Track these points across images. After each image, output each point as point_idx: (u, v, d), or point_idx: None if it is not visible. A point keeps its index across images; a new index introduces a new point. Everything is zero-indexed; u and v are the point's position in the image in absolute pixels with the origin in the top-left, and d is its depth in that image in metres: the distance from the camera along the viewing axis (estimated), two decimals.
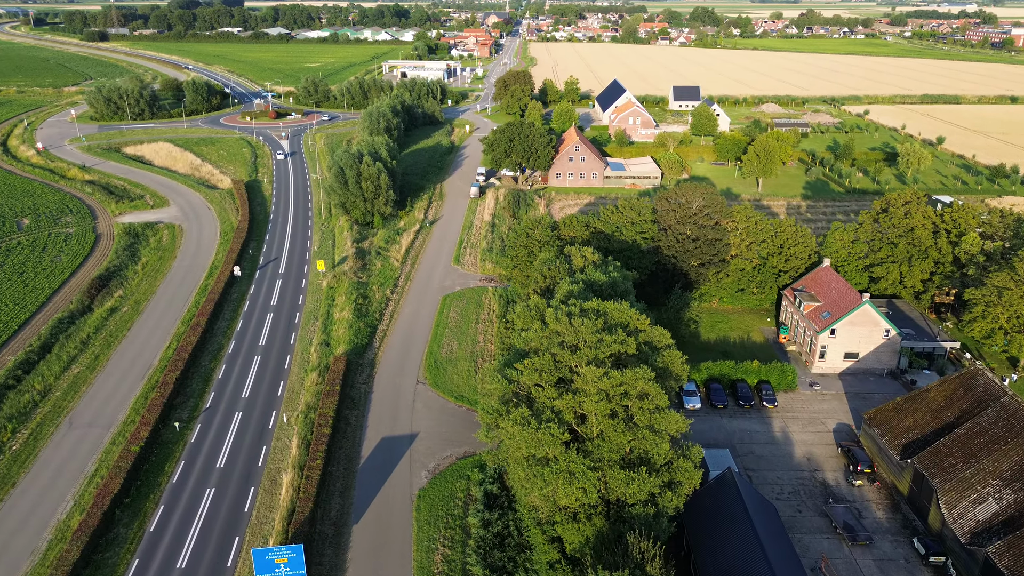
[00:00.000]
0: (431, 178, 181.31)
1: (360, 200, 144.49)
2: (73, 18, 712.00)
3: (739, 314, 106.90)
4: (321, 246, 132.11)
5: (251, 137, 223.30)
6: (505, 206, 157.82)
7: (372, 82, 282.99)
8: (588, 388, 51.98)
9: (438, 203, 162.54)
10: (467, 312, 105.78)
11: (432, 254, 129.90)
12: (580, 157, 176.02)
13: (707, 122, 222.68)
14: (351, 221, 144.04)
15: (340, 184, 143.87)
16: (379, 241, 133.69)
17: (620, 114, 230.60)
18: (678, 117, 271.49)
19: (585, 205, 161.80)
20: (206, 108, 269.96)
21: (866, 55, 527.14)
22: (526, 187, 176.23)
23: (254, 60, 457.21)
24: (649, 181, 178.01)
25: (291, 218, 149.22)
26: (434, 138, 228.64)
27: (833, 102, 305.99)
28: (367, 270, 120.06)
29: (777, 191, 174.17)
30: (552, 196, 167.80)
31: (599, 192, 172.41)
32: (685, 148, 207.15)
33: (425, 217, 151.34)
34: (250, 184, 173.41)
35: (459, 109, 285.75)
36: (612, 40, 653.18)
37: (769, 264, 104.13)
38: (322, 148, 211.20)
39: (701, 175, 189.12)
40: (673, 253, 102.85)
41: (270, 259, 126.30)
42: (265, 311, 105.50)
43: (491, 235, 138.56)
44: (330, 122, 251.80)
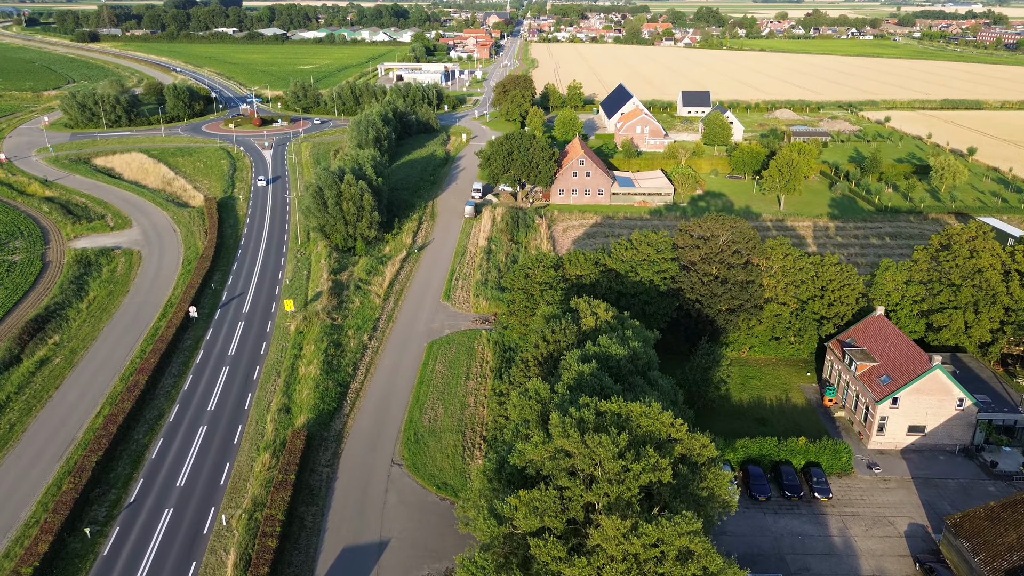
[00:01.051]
0: (423, 194, 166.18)
1: (340, 223, 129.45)
2: (65, 18, 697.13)
3: (773, 366, 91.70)
4: (294, 278, 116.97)
5: (232, 147, 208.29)
6: (503, 228, 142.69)
7: (364, 87, 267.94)
8: (610, 549, 37.12)
9: (429, 224, 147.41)
10: (456, 364, 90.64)
11: (419, 287, 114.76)
12: (585, 172, 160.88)
13: (720, 131, 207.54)
14: (330, 247, 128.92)
15: (318, 206, 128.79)
16: (360, 271, 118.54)
17: (627, 122, 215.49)
18: (688, 124, 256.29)
19: (591, 226, 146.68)
20: (188, 114, 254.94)
21: (877, 57, 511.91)
22: (526, 204, 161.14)
23: (246, 62, 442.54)
24: (660, 198, 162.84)
25: (264, 243, 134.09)
26: (428, 147, 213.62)
27: (851, 108, 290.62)
28: (343, 309, 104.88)
29: (801, 210, 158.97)
30: (555, 215, 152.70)
31: (606, 210, 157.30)
32: (698, 160, 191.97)
33: (413, 241, 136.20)
34: (224, 202, 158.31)
35: (456, 115, 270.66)
36: (615, 41, 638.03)
37: (809, 309, 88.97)
38: (307, 159, 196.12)
39: (716, 190, 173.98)
40: (697, 297, 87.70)
41: (235, 294, 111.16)
42: (220, 364, 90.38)
43: (486, 263, 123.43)
44: (319, 129, 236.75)
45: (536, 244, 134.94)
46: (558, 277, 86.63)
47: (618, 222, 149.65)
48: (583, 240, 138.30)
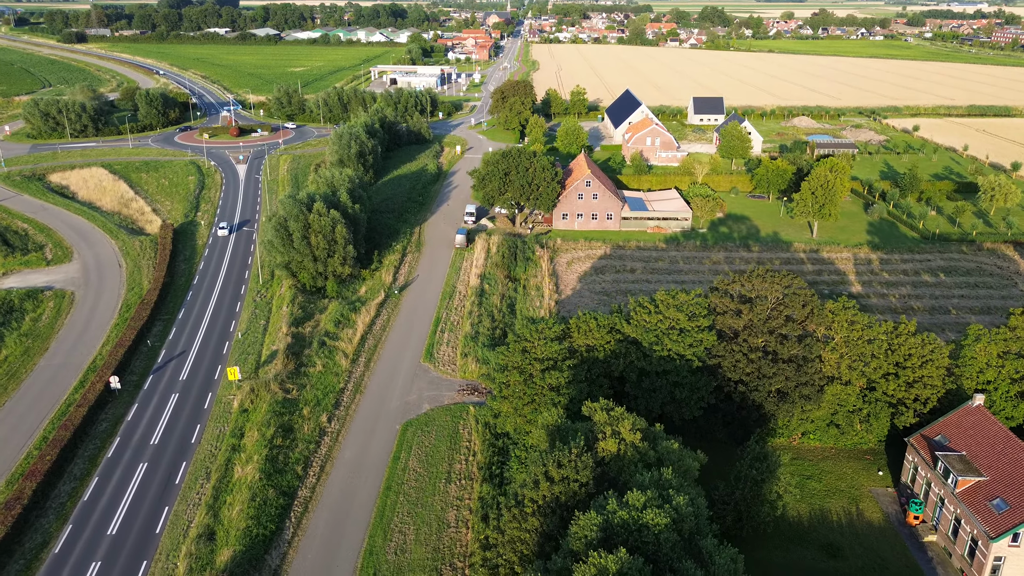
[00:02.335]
0: (409, 218, 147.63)
1: (308, 260, 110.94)
2: (54, 18, 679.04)
3: (834, 460, 73.11)
4: (249, 330, 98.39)
5: (203, 160, 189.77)
6: (498, 261, 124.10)
7: (352, 93, 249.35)
8: None
9: (414, 255, 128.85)
10: (435, 457, 72.15)
11: (396, 343, 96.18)
12: (592, 194, 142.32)
13: (739, 143, 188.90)
14: (296, 289, 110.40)
15: (282, 240, 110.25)
16: (327, 321, 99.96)
17: (636, 133, 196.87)
18: (700, 134, 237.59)
19: (600, 258, 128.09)
20: (162, 122, 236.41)
21: (891, 58, 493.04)
22: (525, 231, 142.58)
23: (235, 64, 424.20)
24: (677, 223, 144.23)
25: (221, 282, 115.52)
26: (419, 161, 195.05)
27: (873, 115, 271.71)
28: (302, 375, 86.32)
29: (836, 236, 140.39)
30: (557, 245, 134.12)
31: (615, 237, 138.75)
32: (716, 177, 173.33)
33: (394, 279, 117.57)
34: (183, 229, 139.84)
35: (451, 123, 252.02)
36: (618, 42, 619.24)
37: (881, 389, 70.42)
38: (284, 176, 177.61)
39: (737, 212, 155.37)
40: (741, 377, 69.12)
41: (174, 353, 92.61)
42: (137, 459, 71.91)
43: (478, 309, 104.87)
44: (301, 139, 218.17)
45: (536, 282, 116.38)
46: (564, 351, 68.02)
47: (630, 252, 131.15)
48: (591, 277, 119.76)
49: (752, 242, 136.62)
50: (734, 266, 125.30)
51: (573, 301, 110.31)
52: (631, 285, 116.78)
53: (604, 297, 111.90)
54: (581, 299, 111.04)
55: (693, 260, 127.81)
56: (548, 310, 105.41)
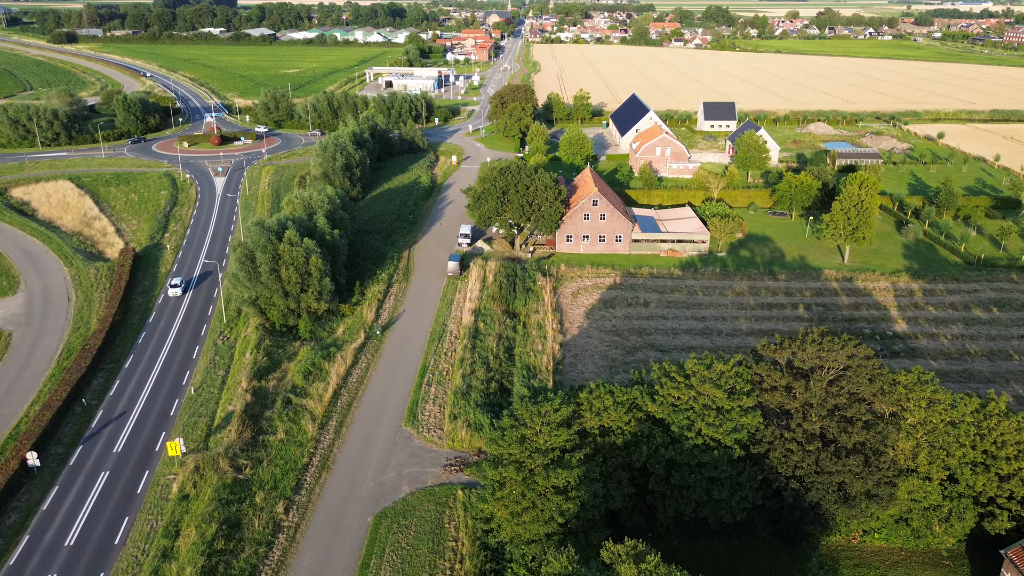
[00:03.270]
0: (398, 239, 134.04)
1: (279, 296, 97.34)
2: (46, 18, 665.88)
3: (905, 566, 59.45)
4: (204, 384, 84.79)
5: (178, 172, 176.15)
6: (495, 292, 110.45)
7: (343, 98, 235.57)
8: None
9: (401, 285, 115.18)
10: (414, 563, 58.46)
11: (375, 399, 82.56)
12: (599, 214, 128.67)
13: (756, 154, 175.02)
14: (263, 329, 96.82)
15: (248, 274, 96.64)
16: (296, 372, 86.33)
17: (645, 143, 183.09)
18: (711, 142, 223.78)
19: (608, 288, 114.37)
20: (140, 129, 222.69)
21: (902, 59, 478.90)
22: (525, 255, 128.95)
23: (227, 65, 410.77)
24: (694, 246, 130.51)
25: (180, 320, 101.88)
26: (412, 172, 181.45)
27: (893, 120, 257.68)
28: (259, 446, 72.67)
29: (870, 261, 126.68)
30: (561, 271, 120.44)
31: (625, 263, 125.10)
32: (732, 192, 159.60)
33: (377, 316, 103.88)
34: (146, 254, 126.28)
35: (447, 129, 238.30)
36: (621, 42, 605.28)
37: (965, 481, 56.80)
38: (264, 190, 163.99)
39: (758, 232, 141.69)
40: (793, 471, 55.46)
41: (112, 416, 78.96)
42: (44, 570, 58.21)
43: (471, 355, 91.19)
44: (288, 147, 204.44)
45: (538, 319, 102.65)
46: (572, 437, 54.35)
47: (642, 281, 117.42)
48: (599, 311, 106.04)
49: (777, 268, 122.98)
50: (760, 298, 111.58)
51: (580, 343, 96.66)
52: (645, 322, 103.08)
53: (615, 338, 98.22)
54: (589, 340, 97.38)
55: (713, 291, 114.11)
56: (551, 355, 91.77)
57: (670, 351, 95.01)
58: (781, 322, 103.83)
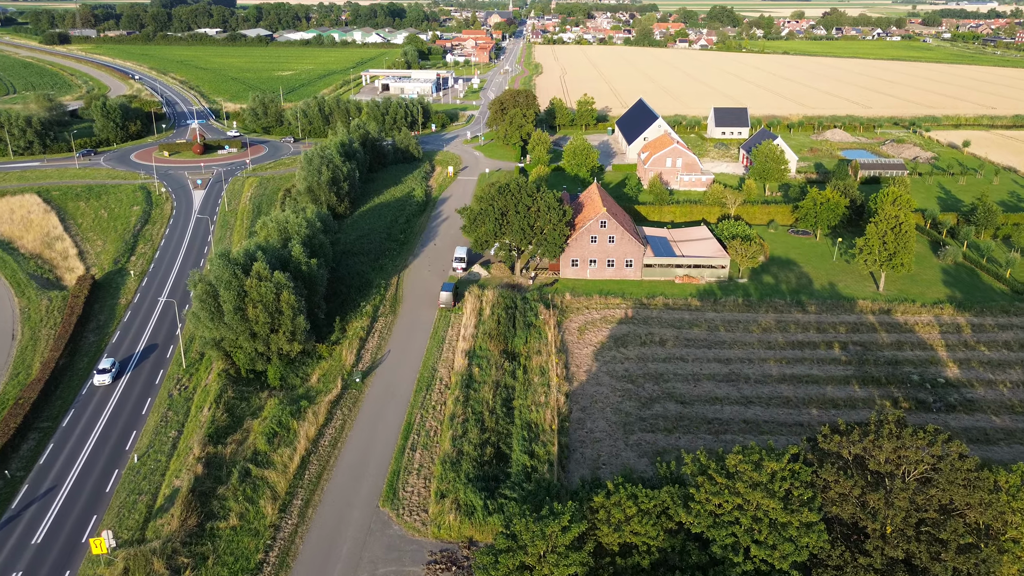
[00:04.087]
0: (387, 263, 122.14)
1: (246, 338, 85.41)
2: (39, 18, 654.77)
3: None
4: (149, 451, 72.78)
5: (154, 185, 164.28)
6: (492, 327, 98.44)
7: (335, 103, 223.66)
8: None
9: (387, 319, 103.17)
10: None
11: (349, 469, 70.56)
12: (608, 236, 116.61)
13: (774, 166, 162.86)
14: (227, 376, 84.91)
15: (210, 313, 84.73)
16: (260, 433, 74.32)
17: (654, 153, 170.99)
18: (723, 150, 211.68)
19: (620, 322, 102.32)
20: (120, 137, 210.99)
21: (913, 60, 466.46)
22: (526, 281, 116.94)
23: (220, 67, 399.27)
24: (712, 271, 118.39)
25: (134, 364, 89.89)
26: (405, 184, 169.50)
27: (913, 126, 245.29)
28: (206, 537, 60.63)
29: (907, 290, 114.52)
30: (566, 302, 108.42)
31: (636, 291, 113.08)
32: (750, 208, 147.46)
33: (358, 358, 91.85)
34: (107, 281, 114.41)
35: (444, 136, 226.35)
36: (625, 43, 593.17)
37: None
38: (246, 206, 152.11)
39: (781, 254, 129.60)
40: None
41: (38, 493, 66.99)
42: None
43: (463, 409, 79.18)
44: (275, 156, 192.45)
45: (541, 361, 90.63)
46: (585, 561, 42.33)
47: (656, 313, 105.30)
48: (609, 351, 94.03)
49: (806, 298, 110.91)
50: (789, 335, 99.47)
51: (588, 392, 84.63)
52: (662, 365, 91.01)
53: (629, 385, 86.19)
54: (599, 389, 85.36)
55: (737, 326, 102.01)
56: (556, 409, 79.79)
57: (692, 403, 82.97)
58: (816, 365, 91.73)
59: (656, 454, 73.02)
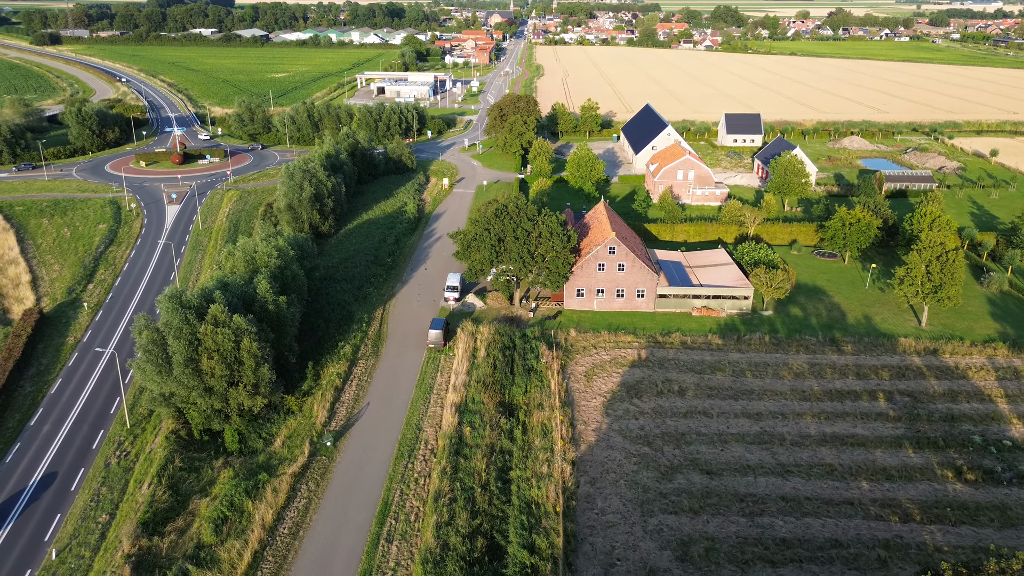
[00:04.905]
0: (372, 292, 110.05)
1: (199, 393, 73.32)
2: (32, 18, 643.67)
3: None
4: (72, 545, 60.64)
5: (126, 199, 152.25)
6: (487, 373, 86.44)
7: (325, 109, 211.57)
8: None
9: (368, 362, 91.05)
10: None
11: (313, 564, 58.43)
12: (618, 264, 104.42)
13: (795, 179, 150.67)
14: (177, 439, 72.83)
15: (156, 365, 72.68)
16: (206, 521, 62.19)
17: (664, 165, 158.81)
18: (736, 159, 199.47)
19: (632, 365, 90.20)
20: (97, 145, 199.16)
21: (924, 62, 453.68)
22: (526, 313, 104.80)
23: (212, 68, 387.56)
24: (734, 303, 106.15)
25: (72, 420, 77.87)
26: (397, 198, 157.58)
27: (934, 133, 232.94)
28: None
29: (952, 325, 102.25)
30: (571, 340, 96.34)
31: (649, 325, 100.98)
32: (771, 227, 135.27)
33: (331, 414, 79.71)
34: (56, 315, 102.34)
35: (441, 144, 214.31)
36: (628, 43, 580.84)
37: None
38: (222, 224, 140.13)
39: (807, 280, 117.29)
40: None
41: None
42: None
43: (451, 485, 66.95)
44: (259, 166, 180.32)
45: (543, 417, 78.52)
46: None
47: (673, 354, 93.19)
48: (621, 403, 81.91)
49: (840, 334, 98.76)
50: (825, 382, 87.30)
51: (599, 459, 72.50)
52: (683, 422, 78.90)
53: (645, 449, 74.08)
54: (610, 454, 73.25)
55: (765, 369, 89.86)
56: (561, 482, 67.72)
57: (720, 473, 70.83)
58: (860, 422, 79.58)
59: (681, 545, 60.99)
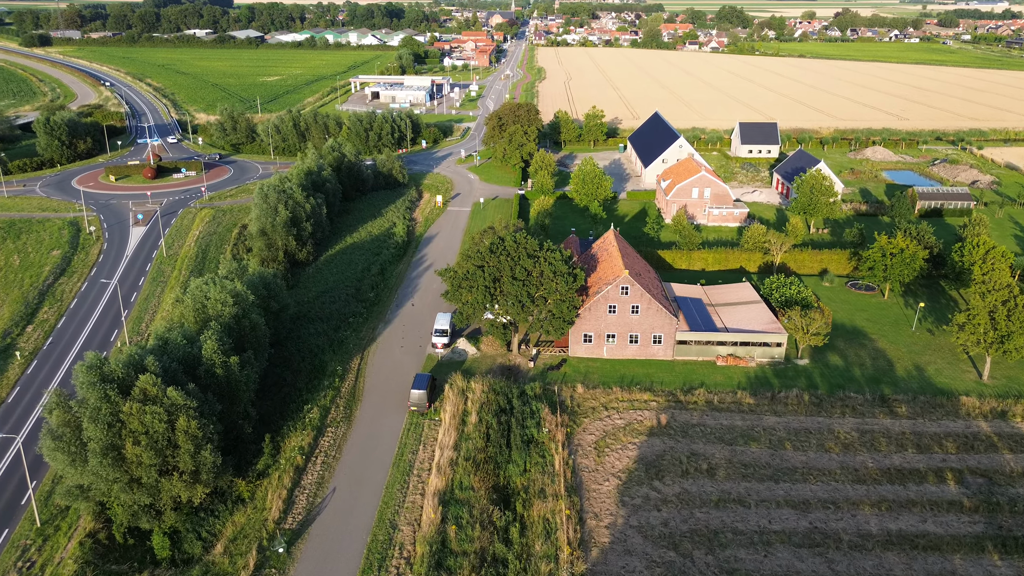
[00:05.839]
0: (349, 335, 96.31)
1: (122, 486, 59.59)
2: (23, 18, 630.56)
3: None
4: None
5: (87, 219, 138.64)
6: (478, 447, 72.73)
7: (312, 118, 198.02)
8: None
9: (338, 430, 77.26)
10: None
11: None
12: (631, 306, 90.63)
13: (823, 199, 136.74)
14: (94, 544, 59.15)
15: (70, 455, 59.00)
16: None
17: (678, 182, 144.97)
18: (753, 172, 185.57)
19: (650, 433, 76.35)
20: (66, 156, 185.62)
21: (938, 65, 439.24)
22: (525, 362, 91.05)
23: (203, 71, 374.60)
24: (765, 351, 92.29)
25: None
26: (385, 217, 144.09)
27: (962, 142, 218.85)
28: None
29: (1018, 379, 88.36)
30: (578, 396, 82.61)
31: (668, 378, 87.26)
32: (799, 255, 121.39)
33: (289, 504, 65.86)
34: None
35: (436, 155, 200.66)
36: (632, 44, 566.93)
37: None
38: (190, 249, 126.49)
39: (844, 319, 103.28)
40: None
41: None
42: None
43: None
44: (239, 180, 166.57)
45: (544, 509, 64.74)
46: None
47: (698, 417, 79.41)
48: (640, 489, 68.06)
49: (889, 390, 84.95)
50: (880, 457, 73.40)
51: (614, 571, 58.65)
52: (716, 515, 65.03)
53: (670, 555, 60.26)
54: (629, 562, 59.39)
55: (808, 438, 76.01)
56: None
57: None
58: (929, 514, 65.72)
59: None
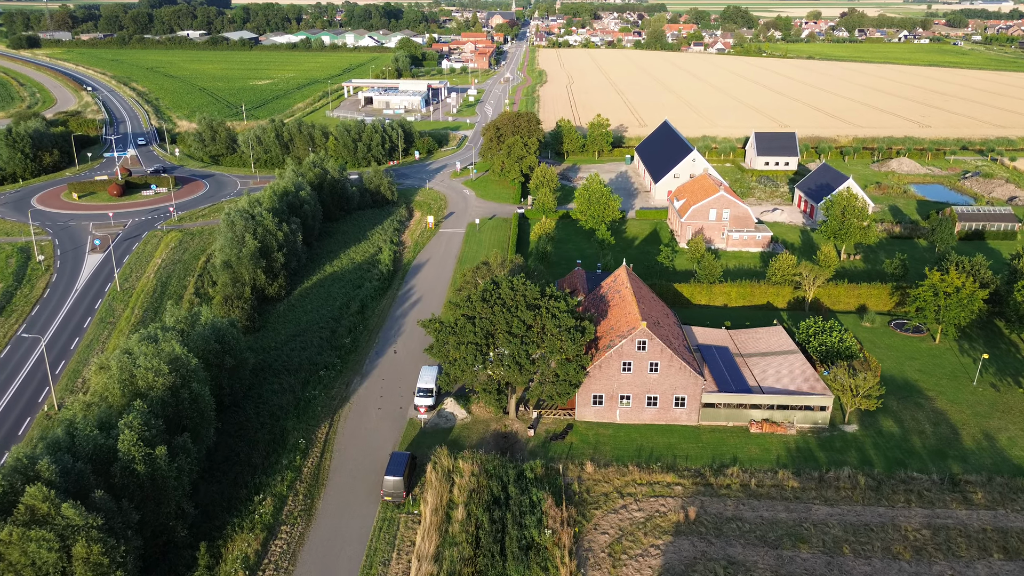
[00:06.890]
0: (319, 393, 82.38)
1: None
2: (13, 20, 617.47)
3: None
4: None
5: (38, 246, 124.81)
6: (464, 556, 58.84)
7: (296, 128, 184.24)
8: None
9: (295, 530, 63.34)
10: None
11: None
12: (649, 363, 76.68)
13: (856, 222, 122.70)
14: None
15: None
16: None
17: (694, 203, 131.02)
18: (771, 187, 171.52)
19: (674, 532, 62.46)
20: (30, 170, 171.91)
21: (951, 67, 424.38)
22: (525, 431, 77.14)
23: (192, 74, 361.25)
24: (806, 415, 78.31)
25: None
26: (371, 241, 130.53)
27: (990, 152, 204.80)
28: None
29: None
30: (586, 477, 68.77)
31: (694, 452, 73.49)
32: (833, 289, 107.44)
33: None
34: None
35: (430, 167, 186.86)
36: (635, 46, 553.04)
37: None
38: (149, 280, 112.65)
39: (894, 372, 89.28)
40: None
41: None
42: None
43: None
44: (216, 197, 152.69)
45: None
46: None
47: (734, 507, 65.52)
48: None
49: (957, 467, 71.05)
50: (960, 567, 59.43)
51: None
52: None
53: None
54: None
55: (870, 538, 62.08)
56: None
57: None
58: None
59: None
